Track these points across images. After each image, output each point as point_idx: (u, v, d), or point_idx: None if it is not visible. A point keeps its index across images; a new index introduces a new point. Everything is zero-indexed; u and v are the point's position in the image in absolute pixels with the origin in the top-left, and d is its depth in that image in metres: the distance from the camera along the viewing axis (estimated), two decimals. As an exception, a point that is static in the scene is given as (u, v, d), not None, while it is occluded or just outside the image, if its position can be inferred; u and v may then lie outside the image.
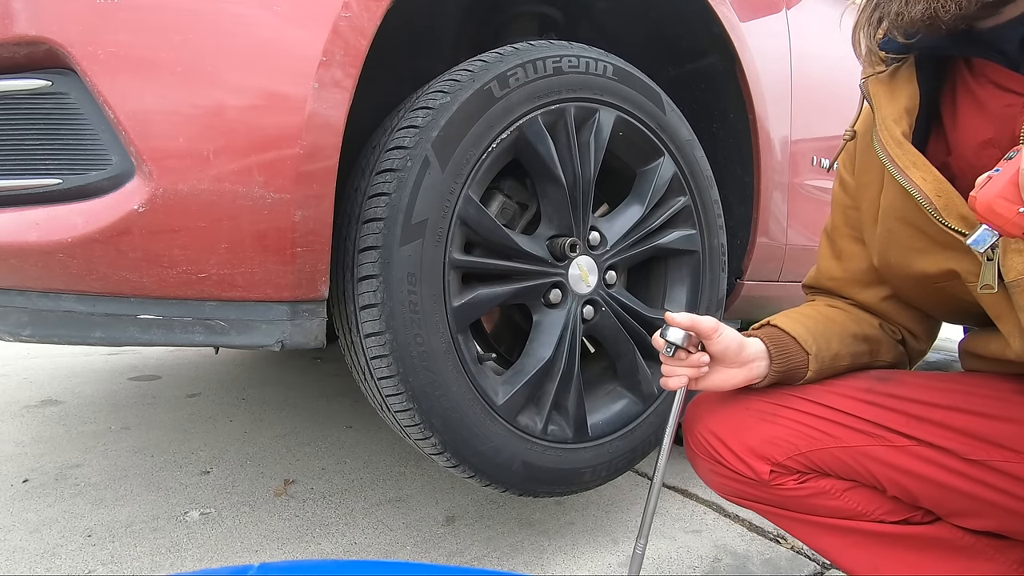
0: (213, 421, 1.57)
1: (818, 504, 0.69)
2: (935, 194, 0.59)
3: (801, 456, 0.68)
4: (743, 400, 0.73)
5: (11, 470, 1.23)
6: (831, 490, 0.69)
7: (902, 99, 0.64)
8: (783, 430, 0.69)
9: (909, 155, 0.61)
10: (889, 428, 0.66)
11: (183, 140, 0.63)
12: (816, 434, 0.68)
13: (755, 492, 0.71)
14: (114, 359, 2.24)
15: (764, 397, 0.72)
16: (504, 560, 0.96)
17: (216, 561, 0.93)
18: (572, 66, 0.89)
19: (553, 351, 0.90)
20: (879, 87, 0.66)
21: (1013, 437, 0.60)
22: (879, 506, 0.69)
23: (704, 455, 0.74)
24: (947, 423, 0.64)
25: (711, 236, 1.09)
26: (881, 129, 0.64)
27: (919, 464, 0.64)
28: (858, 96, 0.73)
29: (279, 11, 0.67)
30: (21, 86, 0.63)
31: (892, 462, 0.65)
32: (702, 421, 0.74)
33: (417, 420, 0.79)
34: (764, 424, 0.70)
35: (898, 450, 0.65)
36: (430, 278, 0.78)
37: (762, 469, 0.69)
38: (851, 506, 0.69)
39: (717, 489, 0.76)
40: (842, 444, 0.67)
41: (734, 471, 0.71)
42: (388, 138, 0.80)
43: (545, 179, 0.90)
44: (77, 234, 0.63)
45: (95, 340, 0.69)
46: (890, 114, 0.64)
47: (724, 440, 0.71)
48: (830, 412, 0.68)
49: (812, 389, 0.71)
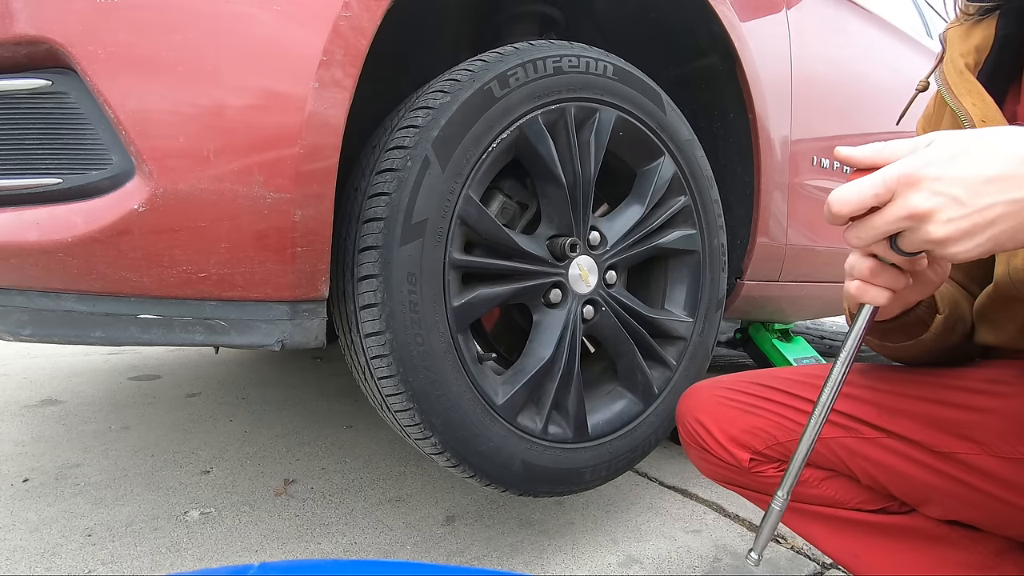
0: (213, 421, 1.57)
1: (798, 492, 0.72)
2: (980, 119, 0.59)
3: (779, 445, 0.72)
4: (729, 393, 0.77)
5: (11, 469, 1.23)
6: (809, 479, 0.72)
7: (975, 39, 0.65)
8: (763, 421, 0.73)
9: (966, 83, 0.62)
10: (861, 420, 0.68)
11: (183, 140, 0.63)
12: (792, 425, 0.71)
13: (739, 479, 0.75)
14: (114, 359, 2.24)
15: (749, 390, 0.76)
16: (504, 560, 0.96)
17: (216, 561, 0.93)
18: (572, 66, 0.89)
19: (553, 351, 0.89)
20: (955, 32, 0.68)
21: (979, 428, 0.60)
22: (855, 495, 0.71)
23: (693, 443, 0.78)
24: (916, 413, 0.65)
25: (711, 236, 1.09)
26: (947, 63, 0.66)
27: (887, 456, 0.66)
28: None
29: (279, 11, 0.67)
30: (21, 85, 0.63)
31: (863, 453, 0.68)
32: (691, 412, 0.78)
33: (417, 420, 0.79)
34: (746, 415, 0.74)
35: (868, 442, 0.67)
36: (430, 278, 0.78)
37: (743, 457, 0.73)
38: (829, 494, 0.72)
39: (706, 474, 0.80)
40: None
41: (719, 458, 0.75)
42: (388, 138, 0.80)
43: (545, 179, 0.90)
44: (77, 233, 0.63)
45: (95, 340, 0.69)
46: (959, 50, 0.66)
47: (709, 429, 0.75)
48: (807, 404, 0.71)
49: (795, 382, 0.74)
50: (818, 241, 1.43)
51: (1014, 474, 0.58)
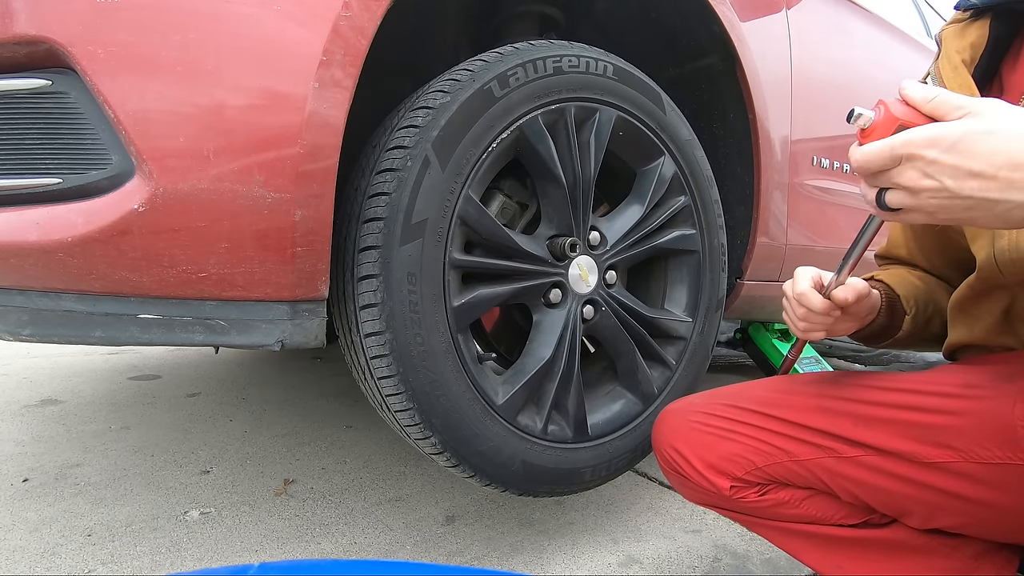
0: (213, 421, 1.57)
1: (780, 512, 0.73)
2: None
3: (758, 471, 0.72)
4: (703, 418, 0.76)
5: (11, 469, 1.23)
6: (790, 500, 0.72)
7: (970, 37, 0.69)
8: (739, 447, 0.73)
9: (960, 77, 0.66)
10: (837, 436, 0.68)
11: (183, 139, 0.63)
12: (769, 449, 0.71)
13: (721, 503, 0.76)
14: (114, 359, 2.24)
15: (724, 413, 0.75)
16: (504, 560, 0.96)
17: (216, 561, 0.93)
18: (572, 66, 0.89)
19: (553, 351, 0.89)
20: (951, 31, 0.72)
21: (957, 433, 0.60)
22: (836, 511, 0.72)
23: (671, 470, 0.79)
24: (892, 421, 0.64)
25: (711, 236, 1.09)
26: (943, 59, 0.69)
27: (866, 473, 0.66)
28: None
29: (279, 10, 0.67)
30: (21, 85, 0.63)
31: (842, 472, 0.68)
32: (666, 439, 0.79)
33: (417, 420, 0.79)
34: (723, 442, 0.74)
35: (847, 460, 0.67)
36: (430, 278, 0.78)
37: (723, 485, 0.73)
38: (811, 513, 0.72)
39: (689, 499, 0.80)
40: (795, 458, 0.70)
41: (699, 486, 0.75)
42: (388, 138, 0.80)
43: (545, 179, 0.90)
44: (77, 233, 0.63)
45: (95, 340, 0.69)
46: (954, 47, 0.69)
47: (687, 457, 0.75)
48: (783, 425, 0.71)
49: (769, 400, 0.74)
50: (818, 241, 1.43)
51: (993, 478, 0.58)
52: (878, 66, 1.64)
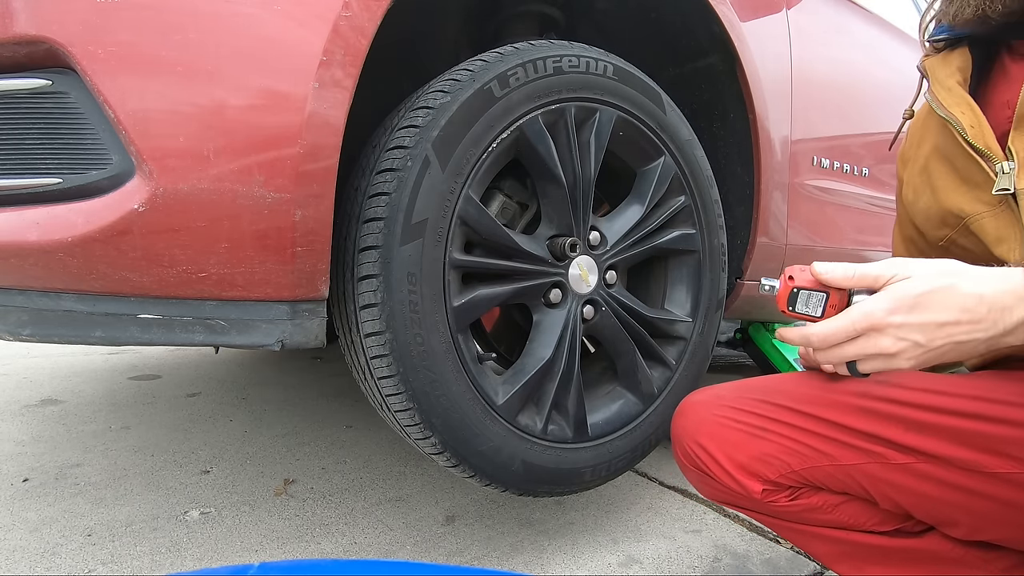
0: (213, 421, 1.57)
1: (810, 517, 0.69)
2: (970, 124, 0.68)
3: (793, 474, 0.67)
4: (732, 413, 0.71)
5: (11, 469, 1.23)
6: (823, 505, 0.69)
7: (955, 62, 0.73)
8: (773, 447, 0.67)
9: (955, 96, 0.71)
10: (886, 440, 0.63)
11: (183, 139, 0.63)
12: (808, 451, 0.66)
13: (747, 504, 0.71)
14: (114, 359, 2.24)
15: (755, 409, 0.70)
16: (504, 560, 0.96)
17: (216, 561, 0.93)
18: (572, 66, 0.89)
19: (553, 351, 0.89)
20: (933, 61, 0.76)
21: (1017, 443, 0.57)
22: (871, 517, 0.69)
23: (692, 467, 0.73)
24: (953, 430, 0.60)
25: (711, 236, 1.09)
26: (934, 83, 0.73)
27: (916, 481, 0.62)
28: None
29: (279, 10, 0.67)
30: (21, 85, 0.63)
31: (887, 479, 0.64)
32: (689, 433, 0.72)
33: (417, 420, 0.79)
34: (754, 440, 0.68)
35: (895, 467, 0.63)
36: (430, 278, 0.78)
37: (754, 488, 0.68)
38: (843, 519, 0.69)
39: (708, 497, 0.75)
40: (836, 463, 0.65)
41: (725, 486, 0.70)
42: (388, 138, 0.80)
43: (545, 179, 0.90)
44: (77, 233, 0.63)
45: (95, 339, 0.69)
46: (944, 72, 0.73)
47: (713, 455, 0.70)
48: (822, 425, 0.66)
49: (805, 397, 0.69)
50: (818, 241, 1.43)
51: None
52: (878, 66, 1.64)
